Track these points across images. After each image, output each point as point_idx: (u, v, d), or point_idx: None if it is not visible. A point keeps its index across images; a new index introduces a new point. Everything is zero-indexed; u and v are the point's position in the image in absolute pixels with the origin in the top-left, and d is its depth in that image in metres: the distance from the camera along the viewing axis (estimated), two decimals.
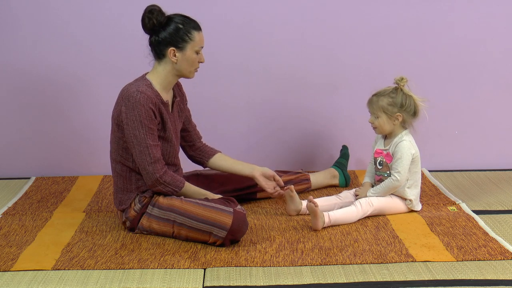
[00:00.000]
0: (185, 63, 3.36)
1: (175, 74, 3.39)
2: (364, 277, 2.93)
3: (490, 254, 3.13)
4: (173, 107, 3.48)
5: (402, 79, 3.59)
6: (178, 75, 3.40)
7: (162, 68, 3.38)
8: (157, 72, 3.39)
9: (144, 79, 3.38)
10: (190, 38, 3.33)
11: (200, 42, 3.36)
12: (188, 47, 3.34)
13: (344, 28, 4.31)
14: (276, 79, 4.35)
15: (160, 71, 3.38)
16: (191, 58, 3.35)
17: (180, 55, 3.34)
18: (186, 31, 3.32)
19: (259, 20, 4.29)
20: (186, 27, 3.33)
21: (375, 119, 3.62)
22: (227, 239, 3.23)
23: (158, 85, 3.38)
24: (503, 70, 4.39)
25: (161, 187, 3.33)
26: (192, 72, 3.41)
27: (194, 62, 3.37)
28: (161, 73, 3.38)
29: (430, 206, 3.76)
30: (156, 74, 3.39)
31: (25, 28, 4.25)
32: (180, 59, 3.34)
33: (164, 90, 3.40)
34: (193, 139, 3.67)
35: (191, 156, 3.69)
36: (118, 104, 3.36)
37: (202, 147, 3.68)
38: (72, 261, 3.12)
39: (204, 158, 3.67)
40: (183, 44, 3.33)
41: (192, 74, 3.42)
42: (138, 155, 3.31)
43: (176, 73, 3.39)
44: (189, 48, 3.34)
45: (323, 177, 4.07)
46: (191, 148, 3.68)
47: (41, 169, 4.39)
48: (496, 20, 4.34)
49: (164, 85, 3.40)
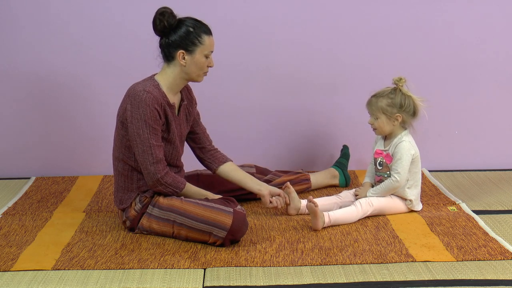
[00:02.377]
0: (193, 66, 3.35)
1: (183, 77, 3.38)
2: (364, 277, 2.93)
3: (490, 254, 3.13)
4: (179, 110, 3.47)
5: (400, 79, 3.59)
6: (186, 78, 3.39)
7: (171, 71, 3.37)
8: (165, 74, 3.39)
9: (152, 79, 3.38)
10: (200, 42, 3.32)
11: (210, 47, 3.35)
12: (198, 50, 3.33)
13: (344, 28, 4.31)
14: (276, 80, 4.35)
15: (169, 73, 3.38)
16: (200, 62, 3.35)
17: (189, 58, 3.33)
18: (197, 35, 3.32)
19: (259, 21, 4.29)
20: (197, 30, 3.32)
21: (374, 120, 3.62)
22: (227, 239, 3.23)
23: (166, 86, 3.37)
24: (503, 70, 4.39)
25: (162, 187, 3.33)
26: (200, 76, 3.40)
27: (203, 66, 3.36)
28: (169, 75, 3.38)
29: (430, 206, 3.77)
30: (164, 75, 3.38)
31: (25, 28, 4.25)
32: (189, 62, 3.34)
33: (172, 92, 3.40)
34: (202, 142, 3.63)
35: (201, 159, 3.65)
36: (124, 102, 3.36)
37: (213, 151, 3.64)
38: (72, 261, 3.12)
39: (214, 164, 3.62)
40: (193, 48, 3.32)
41: (201, 78, 3.41)
42: (140, 154, 3.31)
43: (184, 76, 3.38)
44: (198, 52, 3.33)
45: (323, 177, 4.06)
46: (201, 150, 3.64)
47: (41, 169, 4.39)
48: (496, 20, 4.34)
49: (172, 87, 3.39)
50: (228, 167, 3.62)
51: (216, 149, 3.66)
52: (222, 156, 3.64)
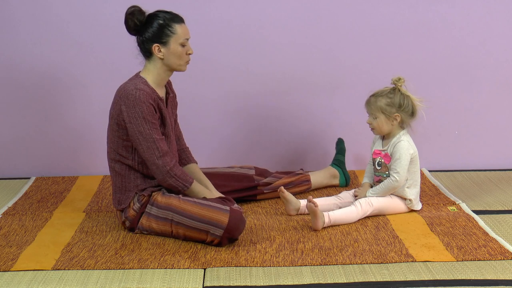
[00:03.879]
0: (172, 57, 3.36)
1: (166, 70, 3.40)
2: (364, 277, 2.93)
3: (490, 254, 3.13)
4: (167, 104, 3.49)
5: (399, 79, 3.59)
6: (169, 70, 3.40)
7: (153, 66, 3.39)
8: (148, 70, 3.40)
9: (138, 77, 3.39)
10: (172, 31, 3.33)
11: (184, 35, 3.36)
12: (171, 41, 3.34)
13: (343, 28, 4.31)
14: (275, 79, 4.35)
15: (151, 69, 3.39)
16: (177, 51, 3.35)
17: (165, 50, 3.35)
18: (167, 25, 3.33)
19: (258, 21, 4.29)
20: (167, 21, 3.33)
21: (373, 120, 3.62)
22: (224, 237, 3.23)
23: (152, 82, 3.39)
24: (503, 70, 4.39)
25: (172, 180, 3.32)
26: (182, 65, 3.40)
27: (181, 55, 3.37)
28: (152, 71, 3.39)
29: (430, 206, 3.76)
30: (148, 72, 3.40)
31: (25, 28, 4.25)
32: (166, 54, 3.35)
33: (159, 87, 3.41)
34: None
35: None
36: (116, 103, 3.36)
37: (180, 150, 3.64)
38: (72, 261, 3.12)
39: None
40: (166, 39, 3.34)
41: (183, 67, 3.41)
42: (146, 151, 3.31)
43: (166, 68, 3.39)
44: (172, 42, 3.34)
45: (323, 177, 4.06)
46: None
47: (41, 169, 4.39)
48: (496, 20, 4.34)
49: (158, 82, 3.41)
50: (189, 169, 3.62)
51: (184, 148, 3.67)
52: (187, 157, 3.65)
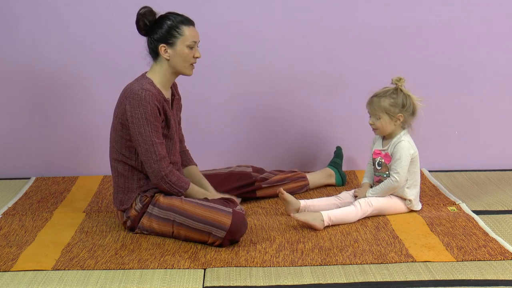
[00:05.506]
0: (177, 58, 3.36)
1: (172, 72, 3.40)
2: (364, 277, 2.93)
3: (490, 254, 3.13)
4: (172, 105, 3.49)
5: (400, 79, 3.59)
6: (175, 72, 3.40)
7: (159, 67, 3.39)
8: (155, 71, 3.40)
9: (145, 77, 3.38)
10: (179, 33, 3.33)
11: (192, 37, 3.35)
12: (178, 42, 3.34)
13: (343, 29, 4.31)
14: (275, 80, 4.35)
15: (158, 70, 3.39)
16: (183, 53, 3.35)
17: (171, 51, 3.35)
18: (175, 27, 3.33)
19: (258, 21, 4.29)
20: (175, 23, 3.34)
21: (376, 120, 3.61)
22: (226, 239, 3.23)
23: (158, 83, 3.39)
24: (503, 70, 4.39)
25: (166, 186, 3.33)
26: (187, 68, 3.40)
27: (187, 57, 3.36)
28: (159, 72, 3.39)
29: (430, 206, 3.76)
30: (154, 73, 3.39)
31: (25, 28, 4.25)
32: (172, 55, 3.35)
33: (164, 88, 3.41)
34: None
35: None
36: (121, 103, 3.36)
37: (181, 152, 3.65)
38: (72, 261, 3.12)
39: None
40: (173, 40, 3.34)
41: (189, 70, 3.41)
42: (143, 153, 3.31)
43: (172, 70, 3.39)
44: (179, 44, 3.34)
45: (319, 177, 4.07)
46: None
47: (41, 169, 4.39)
48: (496, 20, 4.34)
49: (164, 83, 3.40)
50: (188, 171, 3.63)
51: (185, 151, 3.68)
52: (188, 160, 3.66)
